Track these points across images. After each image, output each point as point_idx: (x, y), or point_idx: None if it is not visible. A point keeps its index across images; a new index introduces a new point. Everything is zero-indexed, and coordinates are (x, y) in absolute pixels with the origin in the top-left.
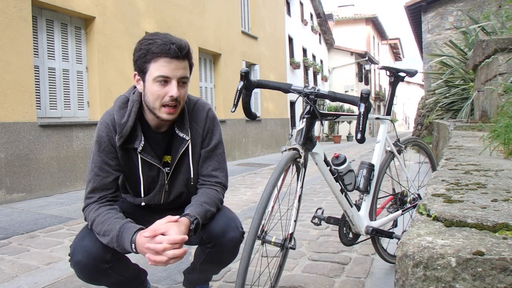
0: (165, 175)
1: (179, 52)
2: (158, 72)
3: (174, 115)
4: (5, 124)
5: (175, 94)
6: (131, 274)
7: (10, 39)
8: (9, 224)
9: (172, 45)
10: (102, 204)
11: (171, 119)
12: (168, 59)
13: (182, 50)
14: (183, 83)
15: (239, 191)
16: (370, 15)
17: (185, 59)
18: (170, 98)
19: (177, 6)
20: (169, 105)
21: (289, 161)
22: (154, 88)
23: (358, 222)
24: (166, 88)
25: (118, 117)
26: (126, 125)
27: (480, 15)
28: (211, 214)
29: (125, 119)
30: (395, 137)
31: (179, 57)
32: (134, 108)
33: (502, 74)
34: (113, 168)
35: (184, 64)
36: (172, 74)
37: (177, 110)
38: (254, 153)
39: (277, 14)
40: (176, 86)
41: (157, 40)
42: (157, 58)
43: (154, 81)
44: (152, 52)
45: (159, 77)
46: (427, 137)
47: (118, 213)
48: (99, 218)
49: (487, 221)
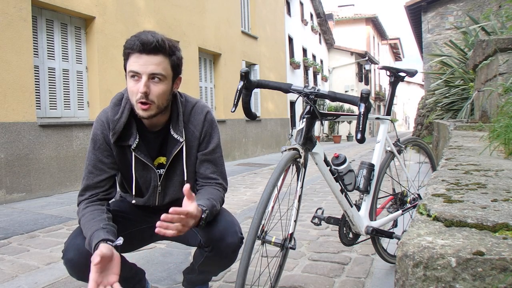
0: (157, 176)
1: (144, 46)
2: (129, 68)
3: (149, 112)
4: (5, 124)
5: (141, 89)
6: (127, 273)
7: (10, 39)
8: (9, 224)
9: (137, 40)
10: (90, 203)
11: (146, 116)
12: (137, 54)
13: (147, 45)
14: (156, 80)
15: (239, 191)
16: (370, 15)
17: (158, 54)
18: (140, 95)
19: (177, 6)
20: (141, 101)
21: (289, 161)
22: (129, 84)
23: (358, 222)
24: (138, 84)
25: (112, 114)
26: (119, 121)
27: (480, 15)
28: (216, 211)
29: (118, 115)
30: (395, 137)
31: (147, 52)
32: (127, 105)
33: (502, 74)
34: (108, 166)
35: (157, 60)
36: (141, 69)
37: (151, 107)
38: (254, 153)
39: (277, 14)
40: (145, 82)
41: (132, 37)
42: (129, 54)
43: (129, 77)
44: (125, 48)
45: (129, 72)
46: (427, 137)
47: (102, 214)
48: (83, 218)
49: (487, 221)
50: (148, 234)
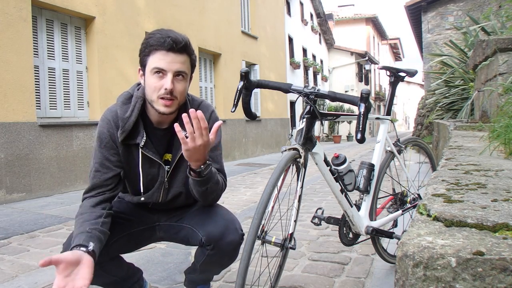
0: (165, 172)
1: (174, 44)
2: (154, 64)
3: (171, 108)
4: (5, 124)
5: (168, 86)
6: (125, 273)
7: (10, 39)
8: (9, 224)
9: (167, 38)
10: (94, 203)
11: (168, 112)
12: (164, 52)
13: (177, 43)
14: (180, 78)
15: (239, 191)
16: (370, 15)
17: (183, 54)
18: (165, 91)
19: (177, 6)
20: (164, 97)
21: (289, 161)
22: (152, 80)
23: (358, 222)
24: (162, 81)
25: (121, 112)
26: (129, 119)
27: (480, 15)
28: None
29: (128, 113)
30: (395, 137)
31: (175, 50)
32: (137, 104)
33: (502, 74)
34: (114, 164)
35: (182, 58)
36: (168, 67)
37: (173, 103)
38: (254, 153)
39: (277, 14)
40: (171, 79)
41: (157, 34)
42: (154, 51)
43: (151, 73)
44: (150, 45)
45: (154, 68)
46: (427, 137)
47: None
48: (79, 217)
49: (487, 221)
50: (147, 235)
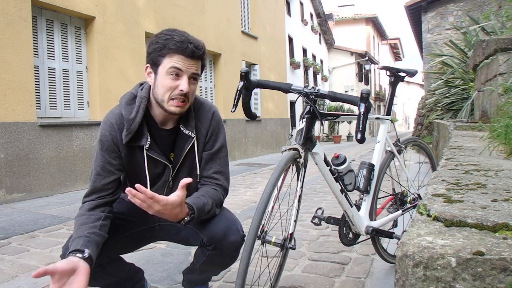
0: (170, 171)
1: (197, 51)
2: (171, 64)
3: (182, 109)
4: (5, 124)
5: (185, 89)
6: (126, 274)
7: (10, 39)
8: (9, 224)
9: (190, 44)
10: (93, 206)
11: (178, 113)
12: (183, 57)
13: (199, 50)
14: (194, 80)
15: (239, 191)
16: (370, 15)
17: (199, 60)
18: (179, 92)
19: (177, 6)
20: (177, 98)
21: (289, 161)
22: (166, 80)
23: (358, 222)
24: (177, 82)
25: (126, 113)
26: (134, 121)
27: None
28: (208, 210)
29: (133, 114)
30: (395, 137)
31: (194, 57)
32: (142, 104)
33: (502, 74)
34: (116, 168)
35: (198, 63)
36: (186, 68)
37: (185, 105)
38: (254, 153)
39: (277, 14)
40: (187, 81)
41: (175, 37)
42: (172, 54)
43: (167, 73)
44: (168, 47)
45: (172, 68)
46: (427, 137)
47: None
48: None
49: (487, 221)
50: (147, 235)
